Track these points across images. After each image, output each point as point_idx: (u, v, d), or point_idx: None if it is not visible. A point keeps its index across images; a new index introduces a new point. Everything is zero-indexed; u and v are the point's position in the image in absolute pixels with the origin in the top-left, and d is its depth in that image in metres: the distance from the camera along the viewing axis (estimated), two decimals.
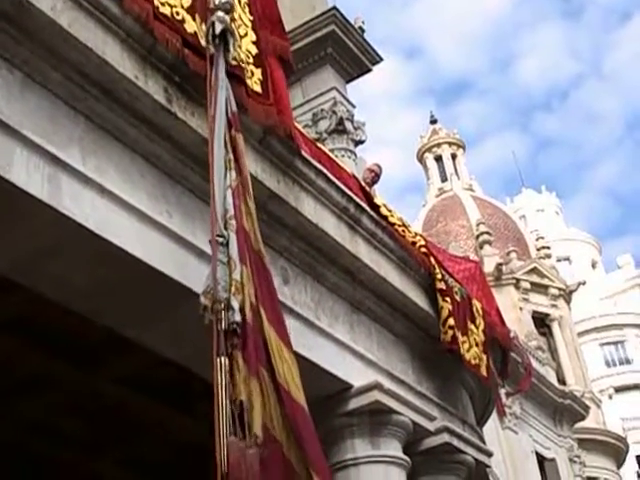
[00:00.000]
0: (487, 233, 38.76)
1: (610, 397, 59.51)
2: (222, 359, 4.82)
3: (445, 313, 8.15)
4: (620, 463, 41.76)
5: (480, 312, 8.74)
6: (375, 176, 9.90)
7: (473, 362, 8.37)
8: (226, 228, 5.26)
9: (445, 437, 8.30)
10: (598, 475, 38.64)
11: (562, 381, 37.45)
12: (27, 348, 7.51)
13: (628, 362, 64.89)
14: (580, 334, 47.92)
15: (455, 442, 8.42)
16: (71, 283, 5.70)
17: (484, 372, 8.64)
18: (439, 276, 8.29)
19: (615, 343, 65.27)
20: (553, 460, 33.97)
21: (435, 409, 8.41)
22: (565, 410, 35.64)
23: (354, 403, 7.41)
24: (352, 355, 7.52)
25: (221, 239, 5.23)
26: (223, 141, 5.57)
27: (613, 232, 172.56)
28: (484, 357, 8.56)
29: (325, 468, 5.21)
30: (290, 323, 6.72)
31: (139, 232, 5.63)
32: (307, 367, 6.90)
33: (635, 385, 63.88)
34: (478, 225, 39.36)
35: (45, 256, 5.46)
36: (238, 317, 5.02)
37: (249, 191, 5.66)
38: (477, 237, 38.75)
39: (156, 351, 6.65)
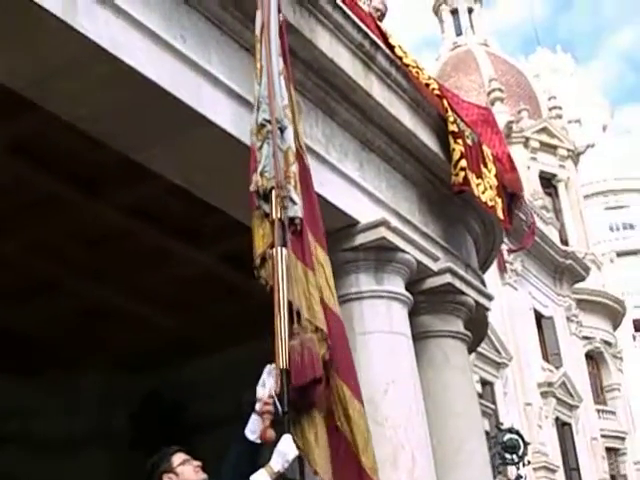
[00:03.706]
0: (499, 90, 38.44)
1: (612, 261, 60.00)
2: (281, 249, 4.95)
3: (457, 155, 8.08)
4: (616, 325, 42.52)
5: (490, 157, 8.70)
6: (381, 15, 9.56)
7: (489, 204, 8.35)
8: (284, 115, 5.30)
9: (447, 277, 8.39)
10: (594, 335, 39.44)
11: (565, 242, 37.83)
12: (35, 170, 7.42)
13: (632, 227, 65.32)
14: (586, 197, 48.09)
15: (457, 283, 8.53)
16: (83, 103, 5.66)
17: (501, 214, 8.65)
18: (451, 119, 8.20)
19: (620, 208, 65.51)
20: (551, 318, 34.63)
21: (439, 250, 8.47)
22: (566, 270, 36.11)
23: (360, 239, 7.47)
24: (360, 192, 7.54)
25: (279, 125, 5.26)
26: (277, 22, 5.53)
27: (627, 98, 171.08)
28: (499, 200, 8.55)
29: (357, 384, 5.16)
30: None
31: (153, 54, 5.56)
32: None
33: (637, 250, 64.40)
34: (490, 81, 39.00)
35: (59, 74, 5.41)
36: (300, 213, 5.09)
37: (292, 84, 5.70)
38: (489, 93, 38.45)
39: (166, 177, 6.67)
